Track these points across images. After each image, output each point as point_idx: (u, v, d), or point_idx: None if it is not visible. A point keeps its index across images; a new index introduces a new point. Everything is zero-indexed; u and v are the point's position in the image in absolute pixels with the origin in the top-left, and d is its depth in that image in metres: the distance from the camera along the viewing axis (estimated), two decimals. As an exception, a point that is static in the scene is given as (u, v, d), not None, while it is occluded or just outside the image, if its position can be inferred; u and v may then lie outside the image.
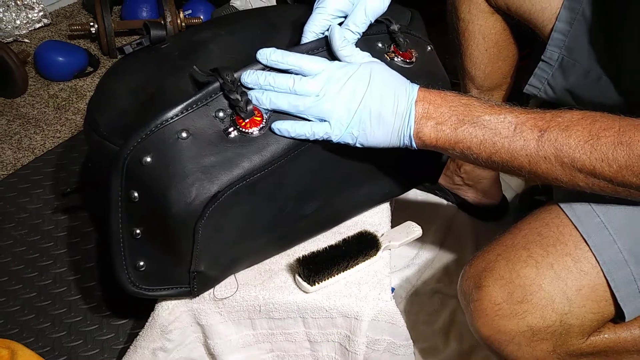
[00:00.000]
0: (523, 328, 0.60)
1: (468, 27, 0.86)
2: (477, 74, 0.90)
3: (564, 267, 0.60)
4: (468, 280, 0.63)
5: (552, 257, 0.60)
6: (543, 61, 0.79)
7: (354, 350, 0.75)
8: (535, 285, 0.59)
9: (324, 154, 0.69)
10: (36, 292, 0.93)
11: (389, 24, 0.74)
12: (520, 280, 0.60)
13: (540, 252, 0.61)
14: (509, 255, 0.61)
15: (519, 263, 0.60)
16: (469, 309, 0.63)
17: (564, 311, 0.59)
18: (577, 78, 0.77)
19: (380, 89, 0.59)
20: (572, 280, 0.59)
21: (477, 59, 0.88)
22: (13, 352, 0.73)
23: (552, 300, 0.59)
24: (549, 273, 0.59)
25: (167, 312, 0.74)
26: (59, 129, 1.27)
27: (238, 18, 0.80)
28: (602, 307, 0.60)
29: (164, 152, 0.62)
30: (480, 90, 0.93)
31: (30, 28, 1.56)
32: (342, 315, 0.74)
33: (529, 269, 0.60)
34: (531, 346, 0.61)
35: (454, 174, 1.08)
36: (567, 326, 0.60)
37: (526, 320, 0.59)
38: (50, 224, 1.03)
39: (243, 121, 0.63)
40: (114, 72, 0.74)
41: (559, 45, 0.77)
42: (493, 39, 0.86)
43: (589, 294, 0.59)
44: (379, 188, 0.81)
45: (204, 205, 0.62)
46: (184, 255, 0.66)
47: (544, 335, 0.60)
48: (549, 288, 0.59)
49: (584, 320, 0.60)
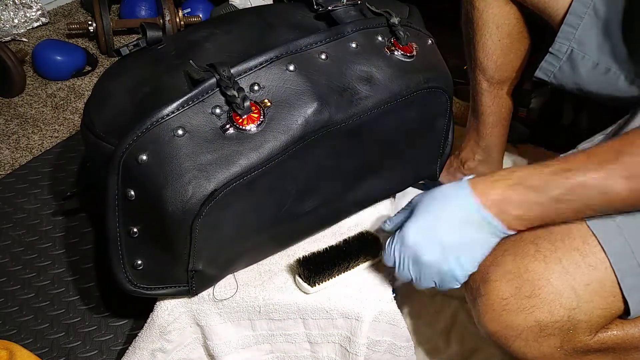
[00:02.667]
0: (531, 323, 0.59)
1: (482, 16, 0.86)
2: (489, 65, 0.90)
3: (572, 261, 0.59)
4: (475, 275, 0.63)
5: (561, 251, 0.60)
6: (551, 54, 0.78)
7: (354, 352, 0.75)
8: (543, 279, 0.59)
9: (322, 151, 0.68)
10: (34, 292, 0.92)
11: (389, 17, 0.73)
12: (529, 274, 0.59)
13: (549, 246, 0.60)
14: (517, 250, 0.61)
15: (526, 257, 0.60)
16: (475, 304, 0.63)
17: (572, 306, 0.59)
18: (585, 70, 0.77)
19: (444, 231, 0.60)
20: (581, 275, 0.59)
21: (489, 49, 0.89)
22: (11, 353, 0.73)
23: (560, 295, 0.59)
24: (557, 268, 0.59)
25: (166, 312, 0.74)
26: (57, 128, 1.26)
27: (235, 17, 0.80)
28: (610, 303, 0.59)
29: (159, 150, 0.61)
30: (490, 82, 0.92)
31: (28, 27, 1.55)
32: (343, 316, 0.73)
33: (537, 263, 0.59)
34: (538, 342, 0.60)
35: (457, 171, 1.08)
36: (575, 322, 0.59)
37: (534, 315, 0.59)
38: (49, 225, 1.03)
39: (240, 118, 0.63)
40: (110, 73, 0.74)
41: (568, 38, 0.76)
42: (506, 29, 0.86)
43: (597, 289, 0.59)
44: (379, 184, 0.81)
45: (201, 203, 0.61)
46: (181, 254, 0.66)
47: (552, 330, 0.59)
48: (557, 283, 0.59)
49: (592, 316, 0.59)
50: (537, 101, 1.16)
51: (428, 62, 0.76)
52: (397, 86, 0.71)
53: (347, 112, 0.68)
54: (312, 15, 0.78)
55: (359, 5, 0.76)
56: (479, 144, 1.00)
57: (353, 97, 0.69)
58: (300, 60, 0.67)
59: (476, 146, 1.01)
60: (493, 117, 0.96)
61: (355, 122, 0.69)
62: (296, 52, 0.67)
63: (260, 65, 0.65)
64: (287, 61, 0.67)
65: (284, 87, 0.66)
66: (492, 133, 0.97)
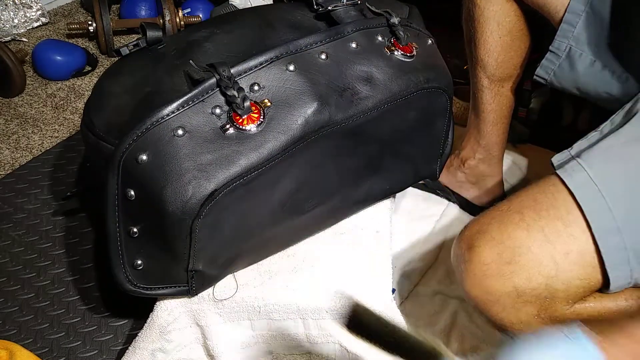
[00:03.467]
0: (509, 289, 0.60)
1: (483, 13, 0.87)
2: (490, 62, 0.91)
3: (554, 230, 0.60)
4: (462, 242, 0.65)
5: (544, 220, 0.61)
6: (551, 52, 0.79)
7: (354, 352, 0.74)
8: (524, 247, 0.60)
9: (322, 151, 0.68)
10: (34, 292, 0.92)
11: (389, 17, 0.73)
12: (511, 241, 0.61)
13: (533, 215, 0.62)
14: (502, 218, 0.63)
15: (510, 225, 0.62)
16: (459, 270, 0.64)
17: (550, 274, 0.60)
18: (583, 67, 0.78)
19: None
20: (561, 244, 0.60)
21: (490, 46, 0.90)
22: (11, 353, 0.73)
23: (539, 262, 0.60)
24: (539, 236, 0.60)
25: (166, 312, 0.74)
26: (57, 128, 1.26)
27: (235, 17, 0.80)
28: (589, 274, 0.61)
29: (159, 150, 0.61)
30: (491, 80, 0.93)
31: (28, 27, 1.55)
32: (343, 317, 0.73)
33: (520, 231, 0.61)
34: (515, 307, 0.61)
35: (457, 170, 1.08)
36: (553, 290, 0.60)
37: (512, 280, 0.60)
38: (49, 225, 1.03)
39: (240, 118, 0.63)
40: (110, 74, 0.74)
41: (567, 36, 0.78)
42: (507, 27, 0.87)
43: (577, 259, 0.60)
44: (379, 184, 0.81)
45: (201, 203, 0.61)
46: (181, 254, 0.66)
47: (529, 297, 0.61)
48: (538, 250, 0.60)
49: (570, 285, 0.60)
50: (537, 101, 1.16)
51: (428, 62, 0.76)
52: (397, 86, 0.71)
53: (347, 112, 0.68)
54: (312, 15, 0.78)
55: (359, 5, 0.76)
56: (480, 142, 1.00)
57: (353, 97, 0.69)
58: (300, 60, 0.67)
59: (477, 144, 1.01)
60: (494, 115, 0.96)
61: (355, 122, 0.69)
62: (296, 52, 0.68)
63: (260, 65, 0.65)
64: (287, 61, 0.67)
65: (284, 87, 0.66)
66: (492, 131, 0.98)
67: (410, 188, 0.93)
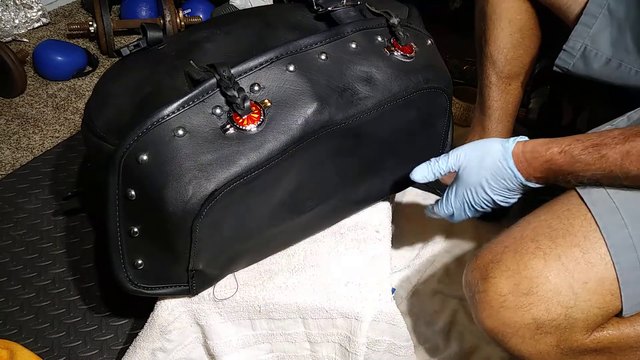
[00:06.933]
0: (528, 320, 0.59)
1: (496, 10, 0.88)
2: (499, 58, 0.92)
3: (572, 258, 0.59)
4: (474, 271, 0.63)
5: (561, 248, 0.60)
6: (565, 51, 0.79)
7: (354, 351, 0.75)
8: (542, 277, 0.59)
9: (322, 151, 0.69)
10: (35, 292, 0.92)
11: (389, 17, 0.73)
12: (527, 272, 0.59)
13: (549, 243, 0.60)
14: (517, 247, 0.61)
15: (526, 255, 0.60)
16: (474, 301, 0.63)
17: (569, 304, 0.59)
18: (599, 66, 0.79)
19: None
20: (580, 272, 0.59)
21: (501, 43, 0.91)
22: (12, 353, 0.73)
23: (558, 292, 0.58)
24: (557, 265, 0.59)
25: (166, 312, 0.74)
26: (58, 128, 1.27)
27: (235, 18, 0.80)
28: (608, 302, 0.59)
29: (160, 150, 0.61)
30: (499, 76, 0.94)
31: (29, 27, 1.55)
32: (343, 316, 0.74)
33: (537, 260, 0.59)
34: (535, 339, 0.60)
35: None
36: (572, 320, 0.59)
37: (531, 312, 0.59)
38: (49, 224, 1.03)
39: (240, 118, 0.63)
40: (111, 74, 0.74)
41: (582, 36, 0.78)
42: (518, 24, 0.88)
43: (596, 288, 0.59)
44: (379, 184, 0.81)
45: (201, 203, 0.61)
46: (182, 254, 0.66)
47: (548, 328, 0.59)
48: (556, 280, 0.59)
49: (589, 314, 0.59)
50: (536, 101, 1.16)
51: (427, 62, 0.76)
52: (396, 86, 0.72)
53: (347, 112, 0.68)
54: (312, 15, 0.78)
55: (358, 5, 0.76)
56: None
57: (353, 97, 0.69)
58: (300, 61, 0.67)
59: None
60: (499, 112, 0.97)
61: (355, 122, 0.69)
62: (296, 53, 0.68)
63: (261, 66, 0.66)
64: (287, 61, 0.67)
65: (284, 87, 0.66)
66: (496, 129, 0.98)
67: (410, 188, 0.93)
